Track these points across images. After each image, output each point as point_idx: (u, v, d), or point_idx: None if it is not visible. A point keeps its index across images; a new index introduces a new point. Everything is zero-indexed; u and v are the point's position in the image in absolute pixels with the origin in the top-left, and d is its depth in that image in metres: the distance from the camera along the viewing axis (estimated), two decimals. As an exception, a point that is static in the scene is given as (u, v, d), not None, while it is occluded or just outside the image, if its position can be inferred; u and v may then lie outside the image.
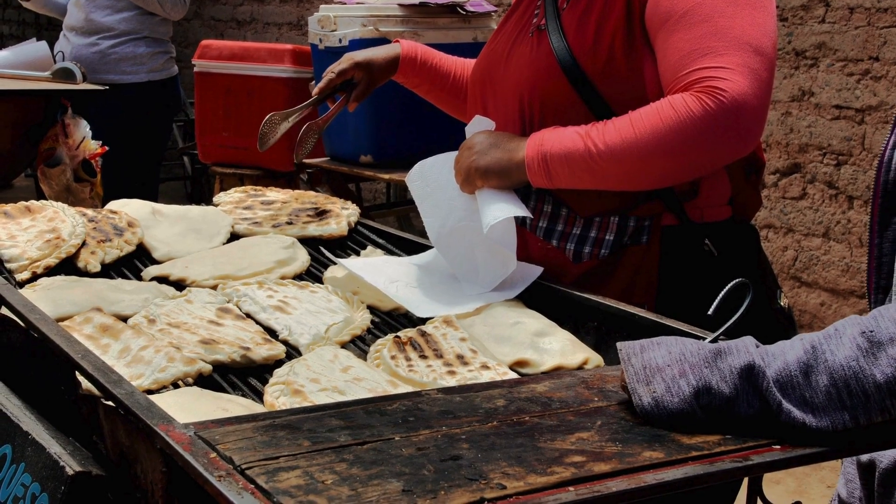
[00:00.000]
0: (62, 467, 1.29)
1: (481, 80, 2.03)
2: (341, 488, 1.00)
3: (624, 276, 1.84)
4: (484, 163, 1.86)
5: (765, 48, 1.71)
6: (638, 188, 1.80)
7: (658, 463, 1.09)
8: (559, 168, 1.78)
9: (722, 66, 1.68)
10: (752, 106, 1.67)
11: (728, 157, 1.75)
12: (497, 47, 2.01)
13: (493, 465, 1.07)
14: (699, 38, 1.70)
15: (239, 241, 2.11)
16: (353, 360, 1.61)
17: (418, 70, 2.25)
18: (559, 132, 1.79)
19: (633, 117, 1.72)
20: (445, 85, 2.27)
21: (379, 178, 4.01)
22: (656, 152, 1.70)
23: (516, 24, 1.99)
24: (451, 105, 2.31)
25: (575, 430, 1.18)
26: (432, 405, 1.24)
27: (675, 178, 1.79)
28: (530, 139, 1.82)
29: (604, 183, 1.78)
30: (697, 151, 1.70)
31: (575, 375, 1.39)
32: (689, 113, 1.67)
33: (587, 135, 1.76)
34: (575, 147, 1.76)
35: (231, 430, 1.13)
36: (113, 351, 1.59)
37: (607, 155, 1.73)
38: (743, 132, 1.69)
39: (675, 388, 1.18)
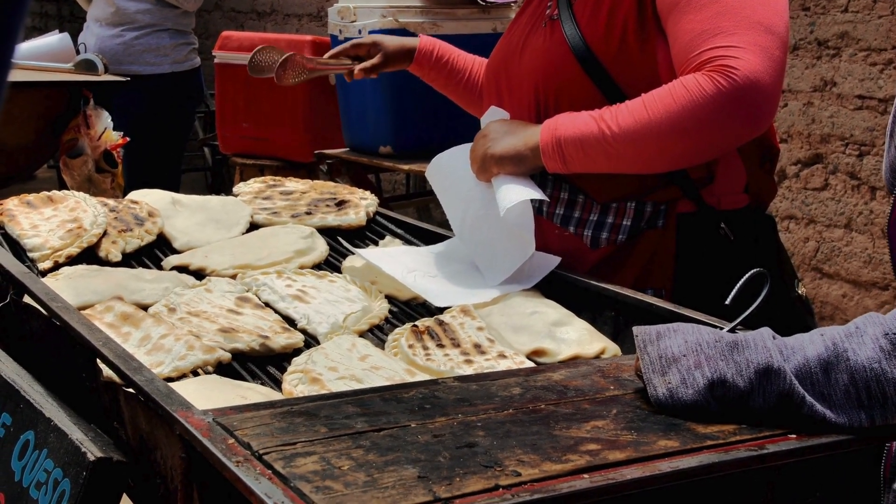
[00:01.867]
0: (84, 453, 1.30)
1: (496, 71, 2.04)
2: (357, 474, 1.01)
3: (641, 261, 1.85)
4: (499, 149, 1.86)
5: (776, 27, 1.71)
6: (652, 170, 1.80)
7: (673, 451, 1.09)
8: (574, 152, 1.79)
9: (733, 46, 1.68)
10: (764, 84, 1.67)
11: (742, 136, 1.75)
12: (512, 39, 2.02)
13: (508, 452, 1.08)
14: (710, 19, 1.71)
15: (258, 230, 2.12)
16: (370, 348, 1.62)
17: (434, 64, 2.27)
18: (573, 117, 1.80)
19: (646, 99, 1.73)
20: (461, 81, 2.28)
21: (398, 168, 4.02)
22: (670, 132, 1.70)
23: (531, 15, 2.00)
24: (467, 101, 2.33)
25: (590, 418, 1.18)
26: (448, 393, 1.25)
27: (689, 160, 1.78)
28: (544, 125, 1.83)
29: (618, 165, 1.79)
30: (711, 131, 1.70)
31: (591, 364, 1.40)
32: (701, 92, 1.67)
33: (600, 118, 1.76)
34: (589, 130, 1.76)
35: (249, 416, 1.14)
36: (133, 339, 1.60)
37: (621, 137, 1.73)
38: (756, 111, 1.69)
39: (691, 379, 1.18)
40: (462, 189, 1.96)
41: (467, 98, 2.32)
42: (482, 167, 1.90)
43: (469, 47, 2.47)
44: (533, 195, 1.83)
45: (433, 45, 2.27)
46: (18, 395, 1.46)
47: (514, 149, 1.85)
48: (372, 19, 3.87)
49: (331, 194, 2.28)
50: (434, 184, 2.06)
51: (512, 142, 1.86)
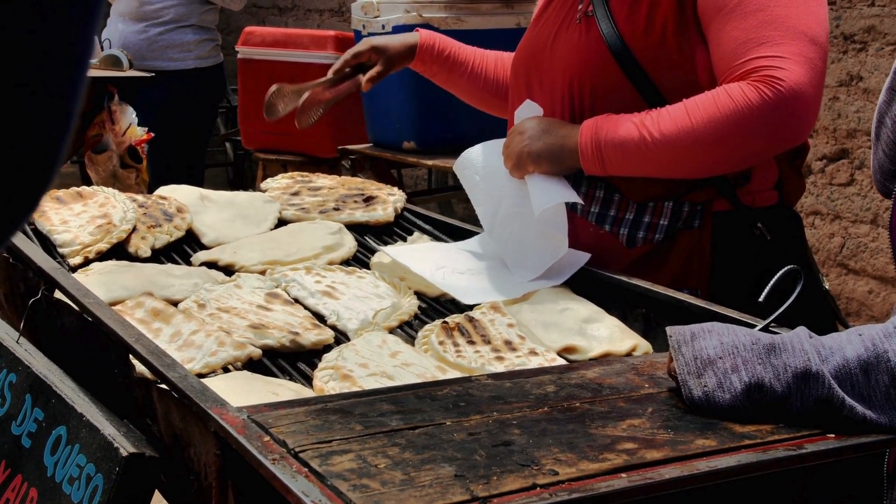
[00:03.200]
0: (116, 448, 1.30)
1: (526, 66, 2.03)
2: (394, 472, 1.01)
3: (677, 261, 1.84)
4: (536, 148, 1.85)
5: (819, 37, 1.72)
6: (691, 176, 1.80)
7: (711, 451, 1.09)
8: (613, 155, 1.78)
9: (779, 56, 1.68)
10: (808, 95, 1.68)
11: (783, 146, 1.76)
12: (541, 33, 2.00)
13: (544, 450, 1.07)
14: (755, 28, 1.71)
15: (286, 226, 2.12)
16: (401, 345, 1.61)
17: (436, 58, 2.24)
18: (613, 120, 1.79)
19: (689, 105, 1.72)
20: (464, 73, 2.26)
21: (422, 164, 4.01)
22: (712, 141, 1.71)
23: (559, 10, 1.99)
24: (471, 94, 2.31)
25: (626, 416, 1.17)
26: (483, 390, 1.24)
27: (728, 167, 1.79)
28: (584, 126, 1.82)
29: (657, 171, 1.79)
30: (753, 140, 1.71)
31: (625, 362, 1.39)
32: (746, 101, 1.67)
33: (642, 123, 1.76)
34: (629, 135, 1.76)
35: (283, 413, 1.14)
36: (164, 335, 1.60)
37: (662, 143, 1.73)
38: (799, 121, 1.70)
39: (727, 383, 1.17)
40: (493, 185, 1.95)
41: (471, 91, 2.30)
42: (518, 164, 1.89)
43: (492, 42, 2.46)
44: (569, 197, 1.83)
45: (433, 39, 2.25)
46: (50, 391, 1.46)
47: (552, 148, 1.85)
48: (395, 14, 3.86)
49: (359, 190, 2.27)
50: (463, 178, 2.05)
51: (550, 141, 1.85)
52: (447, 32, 3.87)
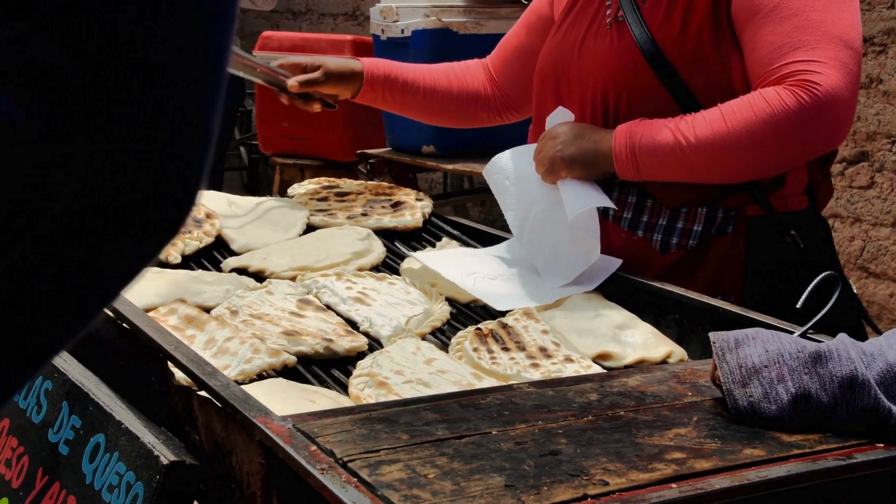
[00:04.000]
0: (157, 456, 1.30)
1: (552, 72, 2.02)
2: (444, 482, 1.00)
3: (711, 267, 1.83)
4: (569, 153, 1.85)
5: (854, 42, 1.72)
6: (726, 181, 1.80)
7: (760, 460, 1.08)
8: (648, 160, 1.78)
9: (815, 60, 1.68)
10: (844, 100, 1.68)
11: (818, 150, 1.76)
12: (566, 39, 2.00)
13: (592, 460, 1.07)
14: (791, 32, 1.71)
15: (315, 232, 2.12)
16: (435, 351, 1.61)
17: (384, 81, 2.21)
18: (648, 124, 1.79)
19: (725, 110, 1.72)
20: (417, 91, 2.24)
21: (441, 168, 4.00)
22: (748, 145, 1.70)
23: (583, 15, 1.98)
24: (426, 111, 2.29)
25: (671, 425, 1.17)
26: (526, 399, 1.24)
27: (763, 172, 1.79)
28: (618, 130, 1.82)
29: (692, 175, 1.78)
30: (789, 145, 1.71)
31: (665, 369, 1.39)
32: (783, 106, 1.67)
33: (677, 127, 1.75)
34: (665, 139, 1.76)
35: (329, 422, 1.14)
36: (199, 342, 1.60)
37: (698, 147, 1.73)
38: (835, 126, 1.71)
39: (774, 394, 1.16)
40: (524, 190, 1.95)
41: (427, 108, 2.28)
42: (550, 169, 1.88)
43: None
44: (601, 202, 1.83)
45: (377, 64, 2.22)
46: (87, 398, 1.46)
47: (585, 153, 1.84)
48: (415, 19, 3.86)
49: (386, 195, 2.27)
50: (492, 184, 2.04)
51: (583, 145, 1.85)
52: (466, 37, 3.89)
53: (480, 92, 2.28)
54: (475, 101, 2.27)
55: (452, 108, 2.27)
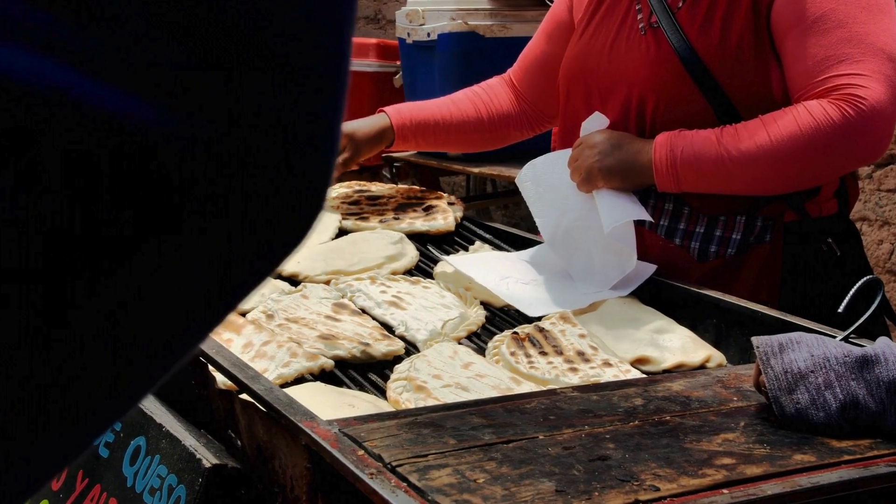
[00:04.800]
0: (199, 460, 1.30)
1: (580, 77, 1.99)
2: (494, 487, 1.00)
3: (750, 276, 1.82)
4: (608, 164, 1.83)
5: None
6: (767, 193, 1.80)
7: (811, 466, 1.07)
8: (688, 173, 1.77)
9: (859, 74, 1.68)
10: (888, 113, 1.69)
11: (859, 163, 1.78)
12: (594, 45, 1.97)
13: (642, 465, 1.06)
14: (834, 45, 1.70)
15: (348, 236, 2.12)
16: (472, 355, 1.60)
17: (415, 129, 2.18)
18: (689, 137, 1.78)
19: (768, 123, 1.71)
20: (449, 127, 2.20)
21: (468, 171, 3.99)
22: (791, 158, 1.70)
23: (610, 20, 1.95)
24: (460, 143, 2.27)
25: (719, 430, 1.16)
26: (571, 404, 1.23)
27: (804, 184, 1.79)
28: (657, 142, 1.80)
29: (734, 188, 1.78)
30: (833, 158, 1.71)
31: (709, 374, 1.38)
32: (827, 119, 1.66)
33: (719, 140, 1.74)
34: (706, 152, 1.74)
35: (375, 427, 1.13)
36: (236, 346, 1.60)
37: (740, 161, 1.72)
38: (878, 139, 1.71)
39: (821, 400, 1.15)
40: (556, 197, 1.94)
41: (461, 142, 2.26)
42: (587, 179, 1.86)
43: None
44: (639, 215, 1.81)
45: (401, 113, 2.18)
46: (128, 402, 1.46)
47: (623, 164, 1.82)
48: (441, 22, 3.86)
49: (418, 199, 2.27)
50: (525, 191, 2.03)
51: (621, 156, 1.83)
52: (492, 40, 3.88)
53: (510, 111, 2.24)
54: (506, 122, 2.24)
55: (485, 136, 2.24)
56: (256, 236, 0.39)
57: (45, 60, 0.33)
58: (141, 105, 0.35)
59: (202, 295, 0.39)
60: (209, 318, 0.41)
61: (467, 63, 3.69)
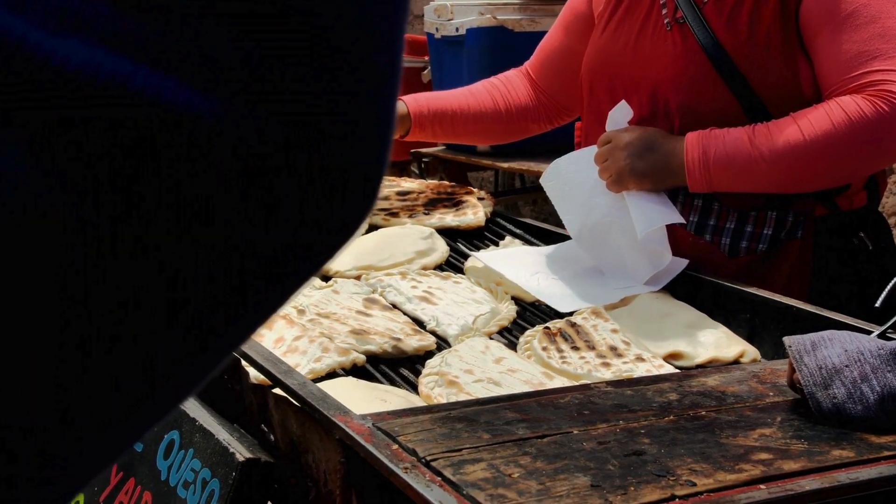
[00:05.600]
0: (232, 454, 1.31)
1: (604, 73, 1.97)
2: (529, 482, 0.99)
3: (782, 272, 1.81)
4: (640, 167, 1.80)
5: None
6: (799, 191, 1.78)
7: (850, 462, 1.06)
8: (721, 174, 1.75)
9: (893, 70, 1.66)
10: None
11: (892, 160, 1.73)
12: (616, 39, 1.95)
13: (677, 460, 1.05)
14: (868, 41, 1.69)
15: (378, 231, 2.12)
16: (504, 350, 1.60)
17: (433, 117, 2.15)
18: (720, 136, 1.75)
19: (800, 120, 1.69)
20: (468, 117, 2.18)
21: (497, 166, 3.99)
22: (826, 156, 1.68)
23: (630, 14, 1.94)
24: (477, 134, 2.25)
25: (755, 425, 1.15)
26: (605, 398, 1.22)
27: (838, 181, 1.78)
28: (688, 143, 1.78)
29: (767, 187, 1.76)
30: (867, 155, 1.70)
31: (744, 369, 1.37)
32: (862, 116, 1.65)
33: (752, 140, 1.72)
34: (739, 153, 1.72)
35: (409, 421, 1.13)
36: (267, 341, 1.61)
37: (773, 160, 1.70)
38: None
39: (858, 394, 1.14)
40: (581, 194, 1.91)
41: (478, 133, 2.24)
42: (618, 181, 1.83)
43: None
44: (672, 218, 1.79)
45: (420, 101, 2.15)
46: (161, 396, 1.47)
47: (655, 167, 1.80)
48: (469, 17, 3.85)
49: (448, 194, 2.26)
50: (549, 190, 2.01)
51: (654, 160, 1.80)
52: (521, 34, 3.87)
53: (528, 104, 2.22)
54: (524, 115, 2.22)
55: (502, 127, 2.23)
56: (314, 227, 0.39)
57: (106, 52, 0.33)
58: (201, 97, 0.34)
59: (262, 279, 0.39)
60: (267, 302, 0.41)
61: (496, 58, 3.67)
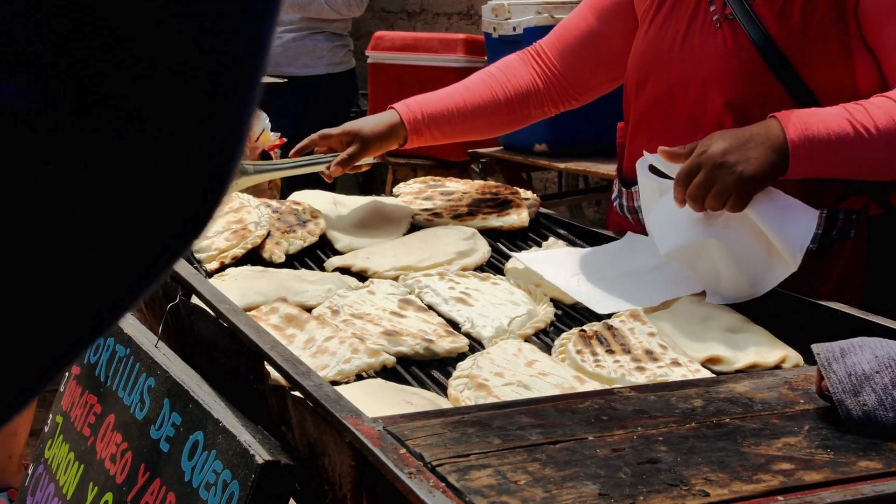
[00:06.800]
0: (252, 455, 1.30)
1: (650, 72, 1.92)
2: (535, 489, 0.96)
3: (833, 273, 1.74)
4: (751, 169, 1.58)
5: None
6: (893, 177, 1.70)
7: (876, 474, 1.01)
8: (825, 153, 1.61)
9: None
10: None
11: None
12: (663, 38, 1.90)
13: (693, 469, 1.01)
14: None
15: (419, 232, 2.10)
16: (537, 353, 1.57)
17: (428, 121, 2.08)
18: (815, 115, 1.63)
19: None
20: (466, 114, 2.10)
21: (554, 167, 3.95)
22: None
23: (676, 11, 1.89)
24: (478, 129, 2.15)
25: (780, 434, 1.10)
26: (626, 404, 1.19)
27: None
28: (784, 122, 1.62)
29: (864, 170, 1.66)
30: None
31: (777, 375, 1.32)
32: None
33: (852, 117, 1.61)
34: (843, 131, 1.61)
35: (420, 425, 1.11)
36: (298, 341, 1.60)
37: (880, 139, 1.61)
38: None
39: (889, 400, 1.09)
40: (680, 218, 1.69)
41: (480, 128, 2.15)
42: (738, 200, 1.59)
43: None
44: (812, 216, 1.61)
45: (411, 107, 2.07)
46: (188, 395, 1.47)
47: (768, 159, 1.60)
48: (527, 16, 3.82)
49: (492, 194, 2.24)
50: (643, 182, 1.82)
51: (761, 152, 1.60)
52: (579, 33, 3.82)
53: (530, 88, 2.12)
54: (526, 101, 2.12)
55: (504, 118, 2.14)
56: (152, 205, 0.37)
57: None
58: None
59: None
60: None
61: (553, 57, 3.64)
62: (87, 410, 1.68)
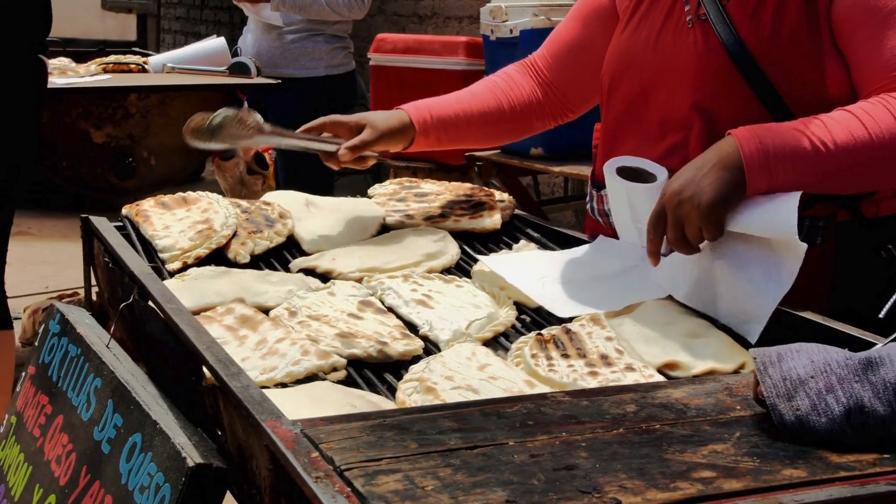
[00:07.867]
0: (184, 458, 1.27)
1: (624, 72, 1.89)
2: (440, 495, 0.94)
3: (799, 281, 1.69)
4: (708, 197, 1.55)
5: None
6: (856, 191, 1.67)
7: (799, 482, 0.97)
8: (783, 168, 1.56)
9: None
10: None
11: None
12: (637, 37, 1.87)
13: (610, 476, 0.98)
14: None
15: (389, 233, 2.07)
16: (491, 357, 1.54)
17: (436, 123, 2.05)
18: (770, 129, 1.60)
19: (859, 114, 1.58)
20: (471, 120, 2.07)
21: (550, 170, 3.92)
22: (891, 151, 1.57)
23: (652, 10, 1.86)
24: (483, 137, 2.13)
25: (709, 441, 1.07)
26: (556, 408, 1.16)
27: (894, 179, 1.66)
28: (739, 139, 1.58)
29: (826, 185, 1.61)
30: None
31: (719, 381, 1.28)
32: None
33: (809, 132, 1.57)
34: (800, 145, 1.57)
35: (338, 428, 1.08)
36: (250, 342, 1.57)
37: (839, 155, 1.57)
38: None
39: (822, 405, 1.05)
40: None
41: (483, 136, 2.13)
42: (711, 225, 1.56)
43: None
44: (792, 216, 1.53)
45: (420, 109, 2.05)
46: (130, 397, 1.45)
47: (723, 181, 1.55)
48: (524, 18, 3.80)
49: (466, 197, 2.21)
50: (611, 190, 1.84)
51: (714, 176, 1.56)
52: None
53: (532, 100, 2.11)
54: (528, 112, 2.11)
55: (507, 126, 2.12)
56: None
57: None
58: None
59: None
60: None
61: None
62: (39, 411, 1.67)
